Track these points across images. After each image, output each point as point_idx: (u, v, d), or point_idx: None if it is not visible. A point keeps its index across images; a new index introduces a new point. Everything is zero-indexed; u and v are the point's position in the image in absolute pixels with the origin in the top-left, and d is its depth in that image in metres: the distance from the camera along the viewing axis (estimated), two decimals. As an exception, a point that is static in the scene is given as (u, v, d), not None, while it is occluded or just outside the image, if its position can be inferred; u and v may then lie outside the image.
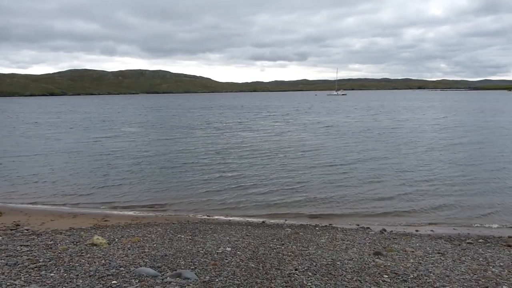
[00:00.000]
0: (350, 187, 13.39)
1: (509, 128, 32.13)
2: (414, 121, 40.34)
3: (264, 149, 21.78)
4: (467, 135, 27.42)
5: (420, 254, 7.02)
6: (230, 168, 16.69)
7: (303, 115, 52.38)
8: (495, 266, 6.32)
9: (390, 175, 15.00)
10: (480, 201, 11.83)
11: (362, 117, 46.41)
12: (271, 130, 32.46)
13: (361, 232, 8.97)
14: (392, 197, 12.22)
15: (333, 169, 16.20)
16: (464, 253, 7.17)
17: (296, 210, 11.26)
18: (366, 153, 20.00)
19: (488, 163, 17.34)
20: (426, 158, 18.67)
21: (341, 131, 30.82)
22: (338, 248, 7.23)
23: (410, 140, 25.13)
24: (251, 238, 7.80)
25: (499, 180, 14.14)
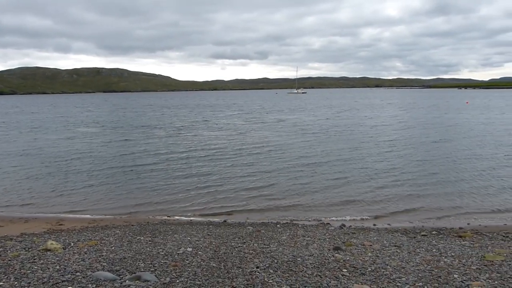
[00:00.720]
0: (313, 185, 13.58)
1: (464, 125, 33.80)
2: (376, 118, 41.47)
3: (229, 148, 21.67)
4: (426, 132, 28.61)
5: (378, 247, 7.24)
6: (192, 169, 16.51)
7: (267, 113, 52.63)
8: (447, 256, 6.61)
9: (351, 171, 15.37)
10: (435, 195, 12.34)
11: (326, 115, 47.27)
12: (236, 129, 32.36)
13: (321, 228, 9.14)
14: (352, 193, 12.52)
15: (297, 167, 16.38)
16: (418, 245, 7.46)
17: (258, 208, 11.29)
18: (330, 151, 20.36)
19: (445, 158, 18.15)
20: (387, 154, 19.28)
21: (306, 129, 31.21)
22: (299, 245, 7.33)
23: (373, 137, 25.86)
24: (212, 238, 7.75)
25: (453, 175, 14.82)
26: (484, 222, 9.94)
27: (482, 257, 6.53)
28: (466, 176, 14.44)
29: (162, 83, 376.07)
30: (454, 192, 12.56)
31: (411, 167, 16.21)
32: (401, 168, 15.99)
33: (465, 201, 11.64)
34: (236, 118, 44.98)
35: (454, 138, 24.89)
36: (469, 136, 25.89)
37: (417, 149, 20.84)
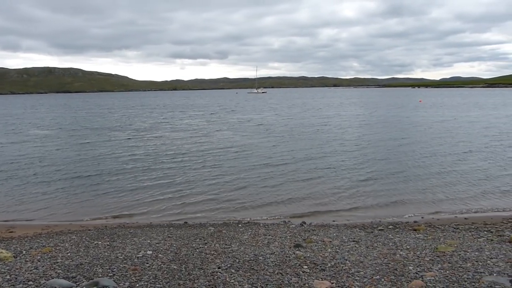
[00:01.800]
0: (275, 183, 13.66)
1: (421, 123, 35.18)
2: (339, 117, 42.20)
3: (193, 150, 21.21)
4: (387, 130, 29.55)
5: (337, 243, 7.40)
6: (155, 172, 16.14)
7: (230, 113, 52.38)
8: (403, 249, 6.87)
9: (315, 170, 15.61)
10: (392, 190, 12.78)
11: (289, 115, 47.65)
12: (199, 130, 31.86)
13: (282, 226, 9.23)
14: (313, 190, 12.74)
15: (262, 167, 16.39)
16: (376, 240, 7.70)
17: (221, 208, 11.24)
18: (296, 151, 20.44)
19: (404, 156, 18.86)
20: (350, 152, 19.72)
21: (271, 129, 31.21)
22: (261, 243, 7.37)
23: (337, 136, 26.29)
24: (173, 240, 7.64)
25: (410, 171, 15.41)
26: (436, 215, 10.40)
27: (435, 248, 6.83)
28: (421, 172, 15.06)
29: (119, 83, 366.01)
30: (410, 187, 13.07)
31: (371, 164, 16.71)
32: (362, 165, 16.46)
33: (420, 196, 12.14)
34: (199, 118, 44.39)
35: (412, 136, 25.91)
36: (427, 133, 27.04)
37: (378, 147, 21.49)
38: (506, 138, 23.95)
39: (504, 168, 15.61)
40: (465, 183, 13.52)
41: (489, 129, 29.22)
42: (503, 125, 31.92)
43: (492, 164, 16.49)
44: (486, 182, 13.62)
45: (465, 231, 8.49)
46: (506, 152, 19.27)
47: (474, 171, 15.12)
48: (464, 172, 15.06)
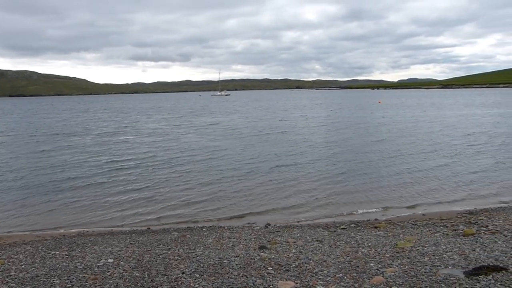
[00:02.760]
0: (243, 188, 13.55)
1: (386, 123, 36.21)
2: (306, 119, 42.30)
3: (160, 154, 20.41)
4: (351, 131, 30.12)
5: (301, 243, 7.48)
6: (117, 177, 15.59)
7: (197, 116, 51.23)
8: (364, 247, 7.04)
9: (280, 172, 15.66)
10: (353, 190, 13.05)
11: (256, 117, 47.30)
12: (166, 134, 30.52)
13: (247, 229, 9.23)
14: (279, 192, 12.80)
15: (228, 170, 16.21)
16: (339, 238, 7.85)
17: (185, 212, 11.08)
18: (263, 153, 20.30)
19: (370, 155, 19.30)
20: (317, 153, 19.93)
21: (239, 132, 30.61)
22: (225, 247, 7.33)
23: (303, 137, 26.40)
24: (135, 246, 7.46)
25: (371, 170, 15.82)
26: (396, 212, 10.72)
27: (395, 245, 7.05)
28: (383, 172, 15.49)
29: (78, 86, 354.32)
30: (370, 186, 13.40)
31: (335, 165, 16.99)
32: (327, 166, 16.69)
33: (380, 194, 12.48)
34: (166, 122, 43.08)
35: (374, 136, 26.62)
36: (388, 133, 27.85)
37: (343, 147, 21.82)
38: (462, 137, 25.10)
39: (460, 165, 16.32)
40: (424, 180, 14.02)
41: (447, 127, 30.53)
42: (460, 123, 33.44)
43: (449, 161, 17.20)
44: (444, 178, 14.19)
45: (423, 227, 8.80)
46: (465, 150, 20.16)
47: (432, 169, 15.71)
48: (423, 169, 15.62)
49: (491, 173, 14.85)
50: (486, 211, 10.16)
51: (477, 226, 8.46)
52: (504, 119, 37.06)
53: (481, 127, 30.34)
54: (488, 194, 12.25)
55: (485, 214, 9.81)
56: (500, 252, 6.17)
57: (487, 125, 31.77)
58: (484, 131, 27.55)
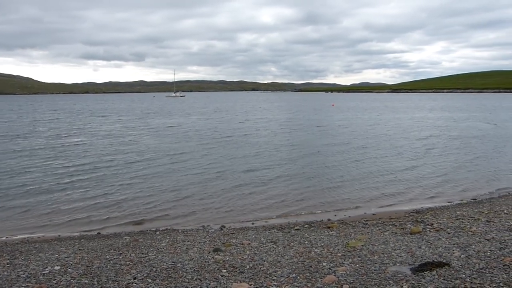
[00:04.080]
0: (199, 190, 13.35)
1: (346, 125, 37.10)
2: (267, 121, 42.18)
3: (116, 158, 19.36)
4: (306, 133, 30.61)
5: (256, 245, 7.50)
6: (68, 181, 14.79)
7: (156, 118, 49.08)
8: (317, 247, 7.17)
9: (236, 174, 15.61)
10: (308, 191, 13.22)
11: (216, 119, 46.41)
12: (124, 136, 28.76)
13: (201, 231, 9.12)
14: (233, 193, 12.76)
15: (180, 172, 15.96)
16: (293, 239, 7.94)
17: (138, 216, 10.77)
18: (223, 156, 20.11)
19: (325, 157, 19.69)
20: (274, 156, 19.97)
21: (200, 134, 29.80)
22: (179, 250, 7.21)
23: (263, 140, 26.24)
24: (84, 252, 7.15)
25: (324, 172, 16.16)
26: (348, 212, 11.01)
27: (347, 244, 7.24)
28: (337, 173, 15.85)
29: (22, 85, 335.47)
30: (325, 187, 13.67)
31: (292, 166, 17.15)
32: (283, 167, 16.81)
33: (334, 195, 12.76)
34: (123, 123, 40.80)
35: (329, 138, 27.21)
36: (342, 135, 28.60)
37: (300, 150, 22.11)
38: (416, 139, 26.25)
39: (411, 166, 17.02)
40: (376, 180, 14.51)
41: (404, 130, 31.84)
42: (416, 126, 34.99)
43: (400, 162, 17.91)
44: (395, 179, 14.76)
45: (373, 226, 9.11)
46: (416, 151, 21.06)
47: (385, 170, 16.30)
48: (376, 170, 16.17)
49: (439, 174, 15.61)
50: (431, 210, 10.68)
51: (423, 224, 8.86)
52: (455, 122, 39.10)
53: (433, 130, 31.94)
54: (435, 194, 12.85)
55: (430, 213, 10.31)
56: (443, 249, 6.50)
57: (439, 128, 33.47)
58: (438, 134, 28.94)
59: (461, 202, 11.73)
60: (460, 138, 26.63)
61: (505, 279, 4.91)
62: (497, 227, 7.98)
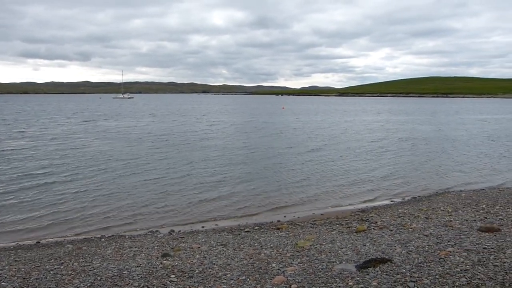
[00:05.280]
0: (146, 195, 13.00)
1: (302, 128, 37.56)
2: (220, 124, 41.47)
3: (64, 163, 18.06)
4: (258, 136, 30.70)
5: (205, 248, 7.43)
6: (12, 190, 13.68)
7: (107, 120, 46.16)
8: (267, 248, 7.23)
9: (187, 177, 15.35)
10: (258, 193, 13.26)
11: (170, 122, 44.87)
12: (73, 140, 26.79)
13: (150, 236, 8.89)
14: (183, 197, 12.54)
15: (128, 178, 15.36)
16: (243, 241, 7.95)
17: (82, 223, 10.27)
18: (176, 159, 19.73)
19: (275, 159, 19.83)
20: (229, 158, 19.81)
21: (155, 138, 28.56)
22: (126, 257, 6.98)
23: (224, 142, 26.06)
24: (21, 264, 6.72)
25: (272, 174, 16.32)
26: (298, 213, 11.20)
27: (295, 244, 7.36)
28: (287, 176, 16.06)
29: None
30: (276, 189, 13.80)
31: (244, 169, 17.14)
32: (234, 170, 16.75)
33: (283, 197, 12.92)
34: (72, 126, 37.99)
35: (280, 140, 27.50)
36: (295, 137, 29.01)
37: (257, 152, 22.15)
38: (367, 142, 27.21)
39: (357, 168, 17.63)
40: (325, 182, 14.87)
41: (348, 132, 32.89)
42: (365, 128, 36.28)
43: (349, 164, 18.48)
44: (341, 180, 15.21)
45: (321, 226, 9.33)
46: (364, 153, 21.83)
47: (332, 171, 16.75)
48: (324, 172, 16.58)
49: (384, 174, 16.30)
50: (376, 209, 11.12)
51: (368, 223, 9.21)
52: (401, 125, 40.99)
53: (382, 132, 33.31)
54: (380, 193, 13.38)
55: (375, 211, 10.74)
56: (386, 246, 6.79)
57: (388, 131, 34.96)
58: (386, 136, 30.16)
59: (403, 200, 12.33)
60: (406, 140, 27.98)
61: (440, 272, 5.22)
62: (434, 223, 8.47)
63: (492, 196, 11.68)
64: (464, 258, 5.73)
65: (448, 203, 10.95)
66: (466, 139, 28.44)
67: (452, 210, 9.89)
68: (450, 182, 15.04)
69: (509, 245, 6.28)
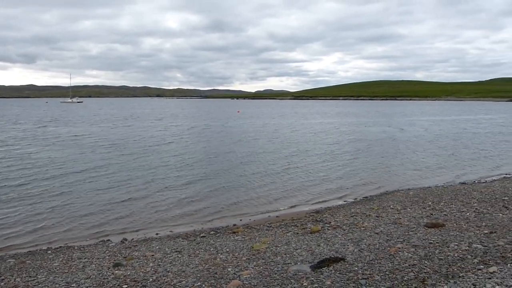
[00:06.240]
0: (96, 202, 12.52)
1: (259, 131, 37.56)
2: (176, 128, 40.65)
3: (8, 170, 17.04)
4: (215, 140, 30.40)
5: (160, 256, 7.25)
6: None
7: (57, 126, 43.14)
8: (223, 253, 7.17)
9: (140, 185, 14.91)
10: (214, 197, 13.15)
11: (124, 127, 42.85)
12: (19, 148, 24.84)
13: (100, 246, 8.55)
14: (134, 205, 12.17)
15: (78, 186, 14.69)
16: (198, 247, 7.84)
17: (27, 236, 9.66)
18: (128, 165, 19.00)
19: (224, 163, 19.70)
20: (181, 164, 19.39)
21: (107, 144, 27.29)
22: (74, 269, 6.66)
23: (177, 148, 25.46)
24: (-44, 282, 6.23)
25: (229, 178, 16.24)
26: (253, 216, 11.20)
27: (251, 247, 7.35)
28: (242, 180, 16.04)
29: None
30: (230, 193, 13.73)
31: (199, 174, 16.88)
32: (189, 176, 16.48)
33: (239, 200, 12.86)
34: (15, 132, 35.26)
35: (236, 145, 27.42)
36: (250, 142, 29.02)
37: (207, 157, 21.94)
38: (320, 143, 27.70)
39: (312, 169, 17.91)
40: (278, 184, 15.00)
41: (306, 134, 33.39)
42: (326, 131, 36.95)
43: (305, 165, 18.73)
44: (296, 182, 15.38)
45: (277, 228, 9.39)
46: (320, 155, 22.22)
47: (287, 173, 16.91)
48: (279, 174, 16.72)
49: (338, 175, 16.68)
50: (330, 209, 11.35)
51: (322, 223, 9.38)
52: (356, 127, 42.21)
53: (338, 134, 34.10)
54: (334, 194, 13.65)
55: (329, 212, 10.96)
56: (339, 245, 6.94)
57: (344, 133, 35.83)
58: (342, 139, 30.86)
59: (355, 200, 12.69)
60: (361, 141, 28.81)
61: (390, 268, 5.40)
62: (384, 221, 8.77)
63: (437, 193, 12.28)
64: (412, 253, 5.97)
65: (397, 201, 11.39)
66: (417, 140, 29.74)
67: (401, 208, 10.29)
68: (400, 181, 15.64)
69: (453, 239, 6.62)
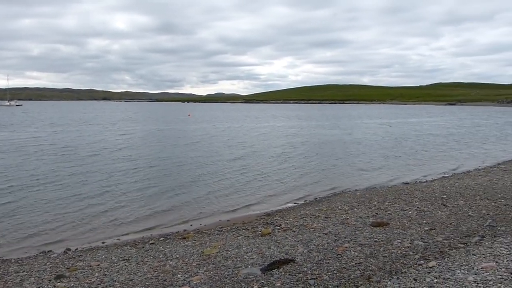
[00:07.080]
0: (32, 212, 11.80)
1: (212, 135, 37.04)
2: (129, 134, 39.00)
3: None
4: (164, 145, 29.72)
5: (106, 265, 6.97)
6: None
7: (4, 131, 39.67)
8: (173, 259, 7.03)
9: (82, 192, 14.29)
10: (162, 204, 12.83)
11: (75, 132, 39.80)
12: None
13: (41, 258, 8.06)
14: (78, 213, 11.64)
15: (17, 194, 13.79)
16: (147, 254, 7.62)
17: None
18: (73, 171, 18.11)
19: (177, 167, 19.34)
20: (129, 169, 18.79)
21: (52, 150, 25.69)
22: (11, 284, 6.24)
23: (126, 154, 24.65)
24: None
25: (182, 185, 15.99)
26: (204, 221, 11.08)
27: (202, 253, 7.26)
28: (192, 185, 15.84)
29: None
30: (180, 198, 13.51)
31: (149, 179, 16.45)
32: (137, 181, 15.99)
33: (189, 205, 12.68)
34: None
35: (187, 150, 27.01)
36: (203, 146, 28.68)
37: (157, 161, 21.40)
38: (272, 146, 27.89)
39: (263, 173, 18.01)
40: (228, 188, 14.96)
41: (251, 138, 33.52)
42: (271, 134, 37.20)
43: (256, 169, 18.80)
44: (246, 185, 15.43)
45: (228, 232, 9.35)
46: (271, 158, 22.36)
47: (238, 177, 16.92)
48: (229, 178, 16.69)
49: (289, 178, 16.89)
50: (280, 212, 11.48)
51: (273, 225, 9.46)
52: (308, 129, 42.97)
53: (290, 137, 34.53)
54: (284, 197, 13.81)
55: (279, 214, 11.08)
56: (289, 247, 7.03)
57: (295, 136, 36.33)
58: (294, 141, 31.25)
59: (305, 202, 12.92)
60: (314, 144, 29.36)
61: (338, 267, 5.55)
62: (333, 222, 9.01)
63: (382, 193, 12.79)
64: (358, 252, 6.17)
65: (345, 202, 11.74)
66: (364, 142, 30.82)
67: (348, 209, 10.62)
68: (348, 182, 16.14)
69: (396, 237, 6.93)
